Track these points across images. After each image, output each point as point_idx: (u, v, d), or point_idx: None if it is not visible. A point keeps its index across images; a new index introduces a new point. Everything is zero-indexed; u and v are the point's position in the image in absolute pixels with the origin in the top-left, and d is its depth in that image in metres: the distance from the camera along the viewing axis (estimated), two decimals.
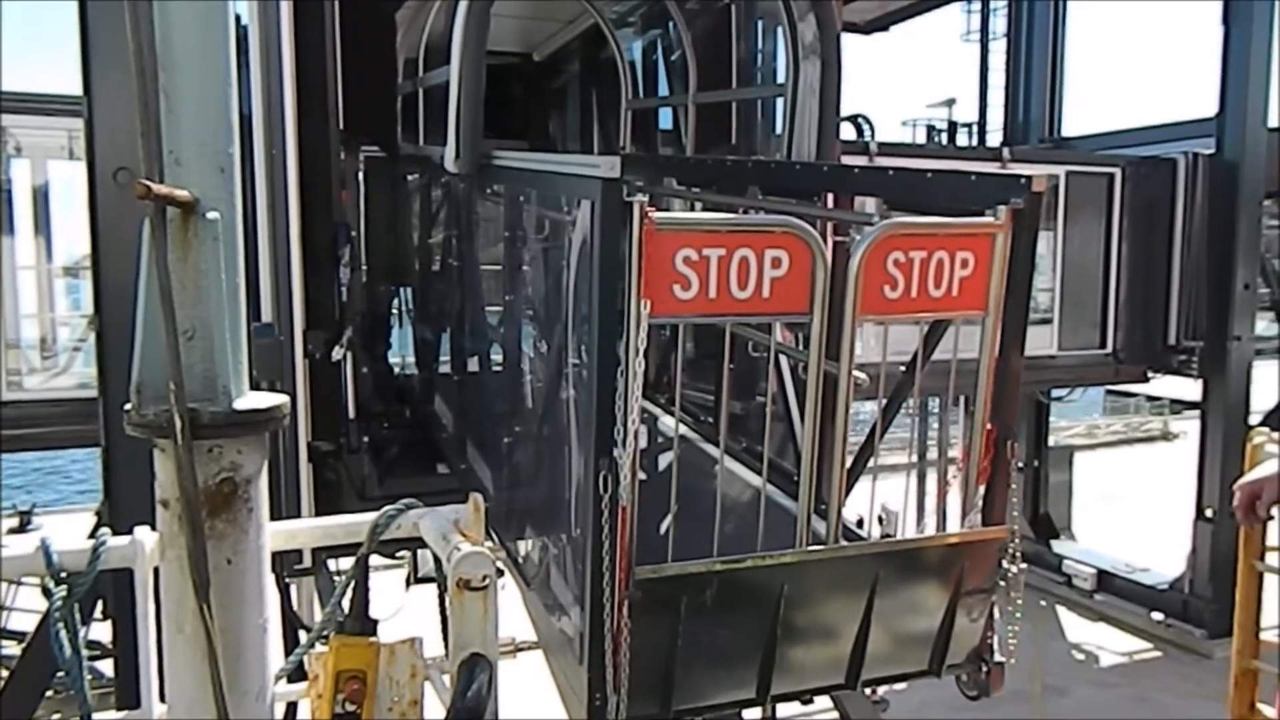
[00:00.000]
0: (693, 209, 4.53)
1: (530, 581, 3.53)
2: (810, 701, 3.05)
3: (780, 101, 4.39)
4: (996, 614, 3.09)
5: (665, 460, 4.33)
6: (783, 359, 4.15)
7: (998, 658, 3.15)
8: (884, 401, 3.31)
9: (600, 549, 2.74)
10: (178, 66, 1.85)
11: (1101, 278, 8.41)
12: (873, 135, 8.07)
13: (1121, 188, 8.36)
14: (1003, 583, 3.10)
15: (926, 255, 2.83)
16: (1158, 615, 8.41)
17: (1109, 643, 8.42)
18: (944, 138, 11.82)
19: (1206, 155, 8.27)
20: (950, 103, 15.82)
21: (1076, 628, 8.69)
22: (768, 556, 2.82)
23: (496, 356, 4.31)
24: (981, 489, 3.05)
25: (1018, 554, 3.02)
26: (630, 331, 2.64)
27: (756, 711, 3.23)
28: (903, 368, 3.39)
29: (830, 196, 3.94)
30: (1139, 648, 8.33)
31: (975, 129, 10.19)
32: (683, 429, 4.63)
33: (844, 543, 2.94)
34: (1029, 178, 2.88)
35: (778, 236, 2.74)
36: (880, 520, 3.40)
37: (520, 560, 3.73)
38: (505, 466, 4.03)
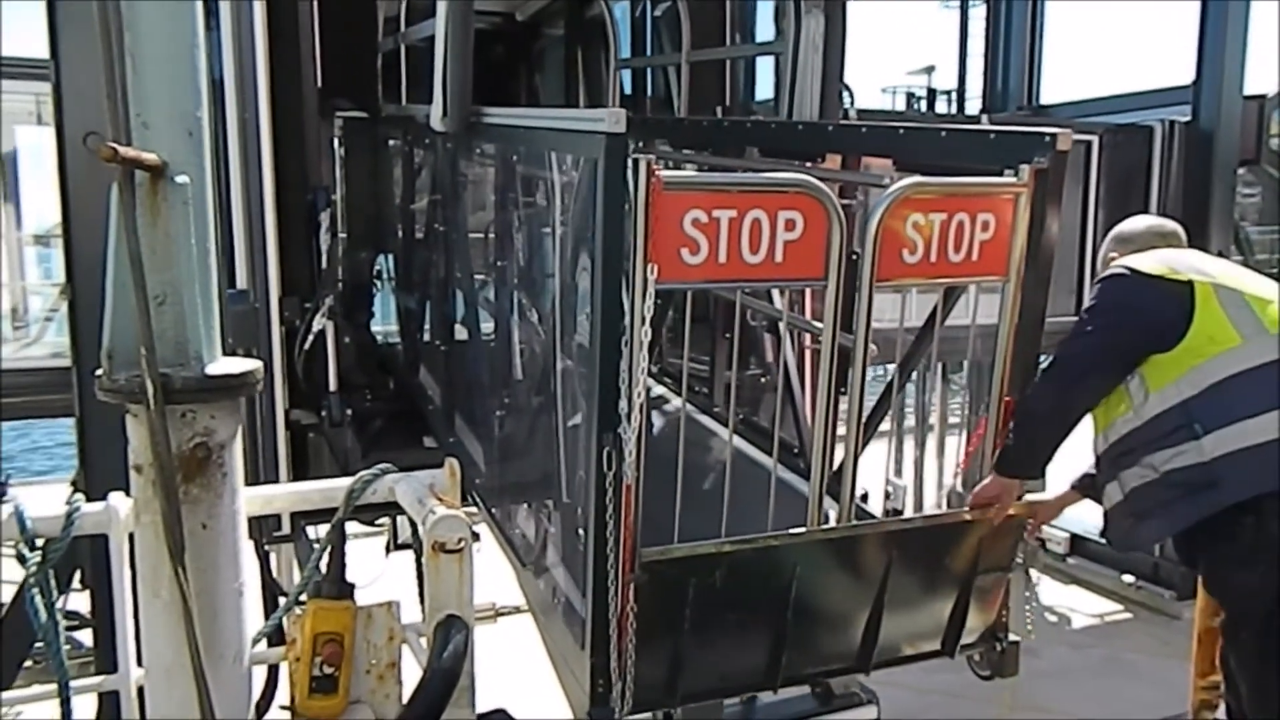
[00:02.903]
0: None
1: (525, 560, 3.30)
2: (819, 686, 2.84)
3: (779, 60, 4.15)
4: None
5: (655, 428, 4.12)
6: (781, 326, 3.93)
7: (1012, 636, 2.97)
8: (896, 370, 3.12)
9: (604, 529, 2.51)
10: (143, 27, 1.79)
11: (1078, 245, 8.24)
12: (852, 102, 7.83)
13: (1098, 155, 8.17)
14: (1020, 560, 2.92)
15: (947, 217, 2.62)
16: (1128, 578, 8.33)
17: (1081, 605, 8.35)
18: (924, 105, 11.60)
19: (1183, 123, 8.10)
20: (930, 70, 15.62)
21: (1049, 590, 8.60)
22: (780, 536, 2.61)
23: (487, 326, 4.06)
24: None
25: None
26: (635, 299, 2.41)
27: None
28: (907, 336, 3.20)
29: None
30: (1110, 609, 8.27)
31: (955, 96, 9.98)
32: (677, 400, 4.41)
33: (855, 521, 2.74)
34: (1054, 134, 2.67)
35: (791, 197, 2.51)
36: (887, 495, 3.21)
37: (514, 538, 3.49)
38: (498, 441, 3.79)
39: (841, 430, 2.75)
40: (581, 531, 2.74)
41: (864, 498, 3.25)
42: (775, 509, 2.81)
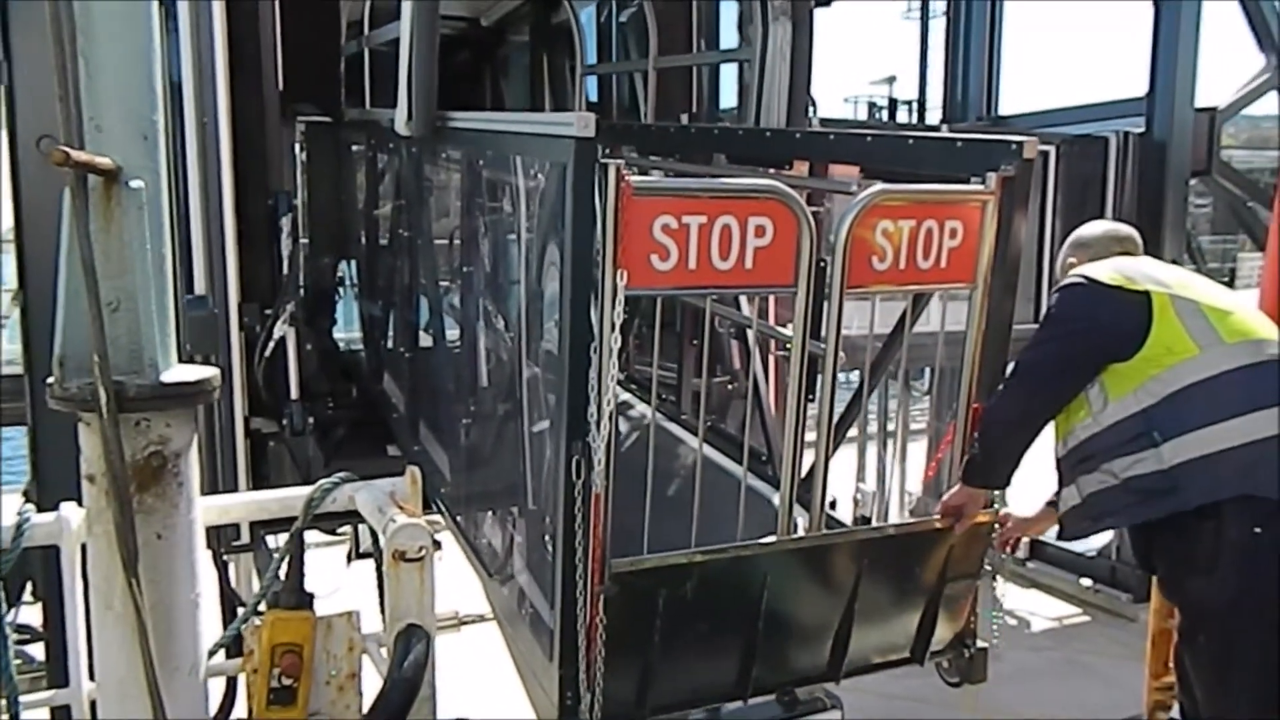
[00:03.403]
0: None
1: (492, 571, 3.24)
2: (789, 694, 2.80)
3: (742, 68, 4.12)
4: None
5: (622, 435, 4.06)
6: (749, 333, 3.90)
7: (980, 643, 2.96)
8: (865, 376, 3.10)
9: (572, 538, 2.46)
10: (97, 29, 1.77)
11: (1036, 253, 8.30)
12: (815, 111, 7.84)
13: (1055, 165, 8.24)
14: (988, 567, 2.91)
15: (915, 224, 2.61)
16: (1086, 581, 8.39)
17: (1040, 608, 8.40)
18: (885, 114, 11.65)
19: (1137, 134, 8.19)
20: (891, 80, 15.69)
21: (1009, 594, 8.65)
22: (750, 546, 2.57)
23: (452, 333, 3.99)
24: None
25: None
26: (605, 305, 2.37)
27: None
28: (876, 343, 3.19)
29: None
30: (1069, 613, 8.32)
31: (915, 106, 10.04)
32: (642, 407, 4.36)
33: (825, 530, 2.71)
34: (1020, 142, 2.67)
35: (761, 203, 2.49)
36: (855, 501, 3.18)
37: (480, 548, 3.43)
38: (463, 449, 3.72)
39: (809, 437, 2.73)
40: (549, 540, 2.69)
41: (833, 505, 3.23)
42: (745, 517, 2.79)
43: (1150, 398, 2.91)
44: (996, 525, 2.94)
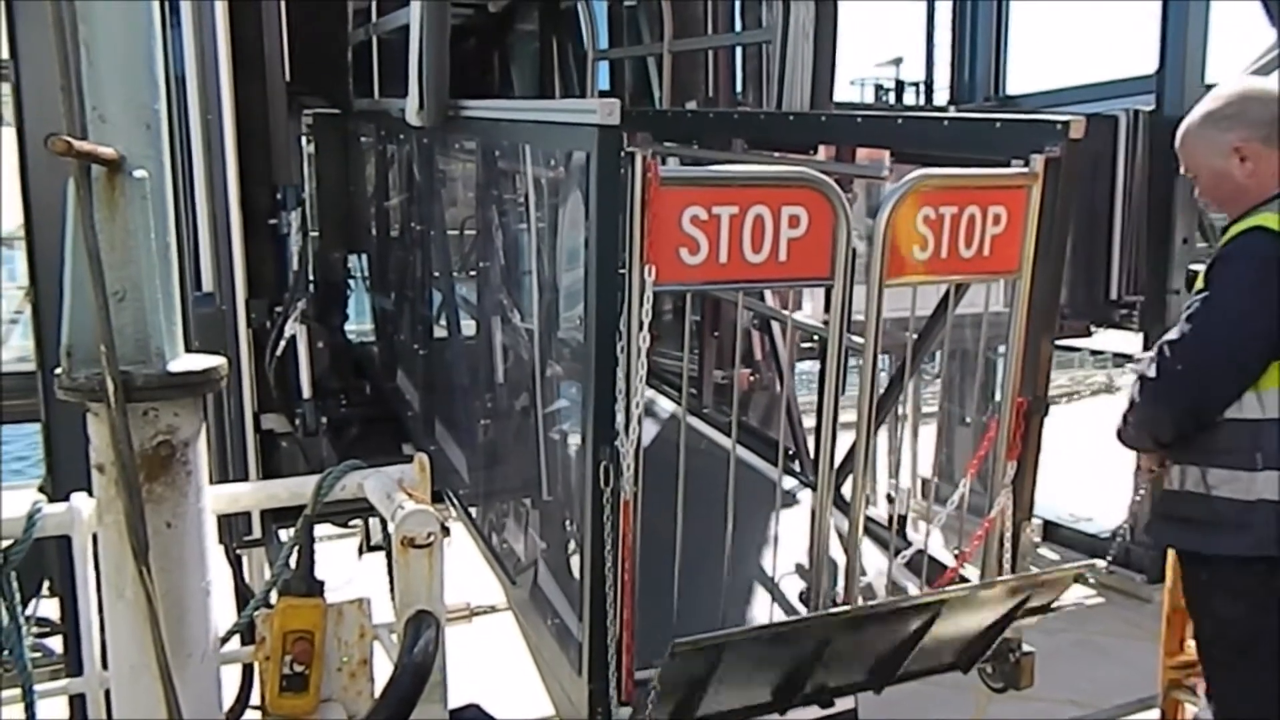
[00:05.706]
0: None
1: (514, 576, 3.06)
2: (831, 704, 2.62)
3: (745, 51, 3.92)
4: None
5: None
6: (774, 326, 3.71)
7: (1026, 648, 2.78)
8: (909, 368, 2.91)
9: (601, 548, 2.28)
10: (98, 18, 1.73)
11: None
12: None
13: None
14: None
15: (958, 211, 2.42)
16: (1100, 563, 8.24)
17: None
18: (892, 96, 11.42)
19: (1147, 112, 7.98)
20: (898, 62, 15.41)
21: None
22: (828, 613, 2.41)
23: (468, 328, 3.82)
24: (1011, 468, 2.65)
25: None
26: (633, 302, 2.19)
27: None
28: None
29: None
30: (1082, 594, 8.13)
31: (922, 88, 9.80)
32: (661, 400, 4.20)
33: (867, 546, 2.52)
34: (1066, 122, 2.47)
35: (795, 191, 2.30)
36: (889, 499, 3.00)
37: (501, 553, 3.25)
38: (481, 448, 3.55)
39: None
40: (575, 547, 2.52)
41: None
42: (770, 512, 2.61)
43: (1276, 412, 2.59)
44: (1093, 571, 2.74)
